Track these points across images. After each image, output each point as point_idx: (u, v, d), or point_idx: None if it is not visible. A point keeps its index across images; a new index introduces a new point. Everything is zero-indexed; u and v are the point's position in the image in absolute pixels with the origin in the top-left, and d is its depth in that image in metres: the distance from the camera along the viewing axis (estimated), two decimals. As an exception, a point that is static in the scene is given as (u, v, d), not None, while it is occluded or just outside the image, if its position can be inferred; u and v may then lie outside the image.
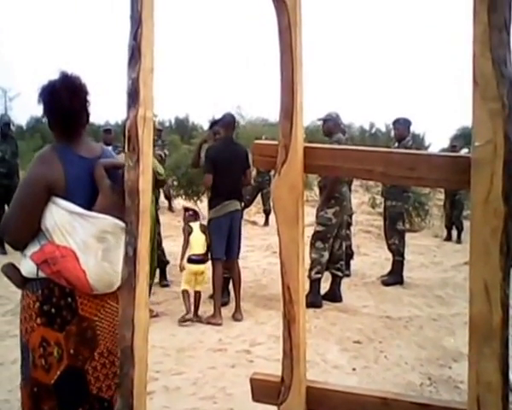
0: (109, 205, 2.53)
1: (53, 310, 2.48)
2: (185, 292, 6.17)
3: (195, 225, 6.37)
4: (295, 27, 1.94)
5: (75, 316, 2.50)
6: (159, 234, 7.51)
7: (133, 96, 2.22)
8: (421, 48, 72.27)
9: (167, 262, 7.72)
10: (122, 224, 2.51)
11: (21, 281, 2.58)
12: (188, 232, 6.33)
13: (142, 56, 2.19)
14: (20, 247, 2.58)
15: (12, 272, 2.64)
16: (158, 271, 7.38)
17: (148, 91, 2.23)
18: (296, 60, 1.95)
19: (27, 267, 2.54)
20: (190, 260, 6.23)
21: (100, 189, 2.55)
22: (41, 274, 2.50)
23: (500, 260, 1.67)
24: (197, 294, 6.21)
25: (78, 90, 2.62)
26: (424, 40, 70.41)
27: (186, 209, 6.86)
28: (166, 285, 7.47)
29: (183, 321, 5.99)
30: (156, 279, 7.26)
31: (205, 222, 6.57)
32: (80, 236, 2.50)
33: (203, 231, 6.33)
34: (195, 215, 6.59)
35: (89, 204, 2.53)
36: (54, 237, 2.49)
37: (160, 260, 7.34)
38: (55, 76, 2.63)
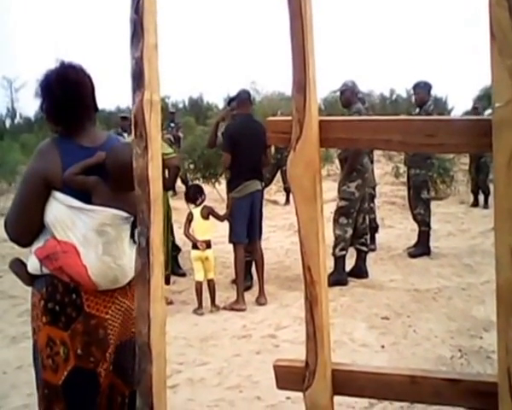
0: (106, 198, 2.47)
1: (57, 308, 2.41)
2: (198, 284, 6.03)
3: (196, 211, 6.13)
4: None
5: (80, 313, 2.42)
6: (169, 220, 7.32)
7: (138, 79, 2.11)
8: (440, 8, 70.92)
9: (179, 250, 7.59)
10: (123, 214, 2.46)
11: (28, 278, 2.53)
12: (188, 220, 6.12)
13: (145, 31, 2.08)
14: (25, 244, 2.52)
15: (19, 268, 2.58)
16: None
17: (153, 72, 2.12)
18: (307, 26, 1.83)
19: (32, 263, 2.49)
20: (194, 247, 6.09)
21: (90, 191, 2.47)
22: (45, 270, 2.44)
23: (526, 224, 1.57)
24: (210, 283, 6.08)
25: (75, 82, 2.51)
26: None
27: (188, 189, 6.60)
28: (183, 274, 7.27)
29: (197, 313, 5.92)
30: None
31: (221, 204, 6.43)
32: (80, 230, 2.43)
33: (205, 216, 6.11)
34: (198, 195, 6.28)
35: (89, 195, 2.46)
36: (55, 232, 2.43)
37: (171, 248, 7.23)
38: (52, 67, 2.54)
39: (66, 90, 2.48)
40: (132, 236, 2.54)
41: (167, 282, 6.54)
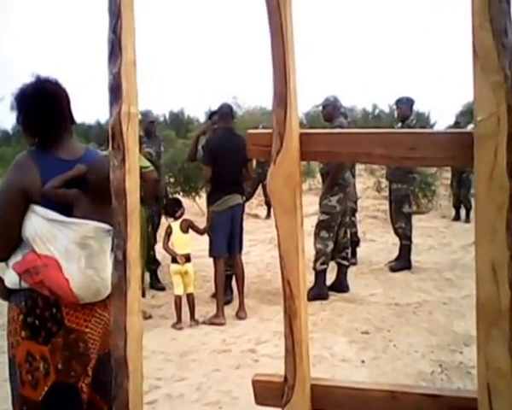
0: (87, 211, 2.44)
1: (37, 322, 2.37)
2: (177, 298, 5.97)
3: (175, 224, 6.07)
4: (285, 8, 1.82)
5: (61, 327, 2.38)
6: (154, 235, 7.38)
7: (115, 92, 2.09)
8: (422, 24, 71.77)
9: (158, 263, 7.52)
10: (105, 226, 2.43)
11: (5, 292, 2.49)
12: (167, 233, 6.07)
13: (123, 49, 2.07)
14: (2, 258, 2.48)
15: None
16: (148, 273, 7.23)
17: (131, 86, 2.11)
18: (287, 43, 1.82)
19: (10, 278, 2.44)
20: (174, 261, 6.03)
21: (71, 204, 2.45)
22: (24, 285, 2.40)
23: (507, 239, 1.56)
24: (190, 297, 6.02)
25: (51, 95, 2.51)
26: (424, 16, 69.64)
27: (166, 203, 6.60)
28: (162, 288, 7.19)
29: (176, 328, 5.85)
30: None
31: (201, 218, 6.40)
32: (62, 243, 2.39)
33: (185, 230, 6.06)
34: (176, 209, 6.22)
35: (69, 208, 2.43)
36: (34, 246, 2.39)
37: (151, 262, 7.19)
38: (28, 81, 2.54)
39: (42, 102, 2.48)
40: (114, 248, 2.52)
41: (142, 295, 6.50)
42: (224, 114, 6.46)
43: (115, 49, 2.07)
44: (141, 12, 2.16)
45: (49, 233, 2.39)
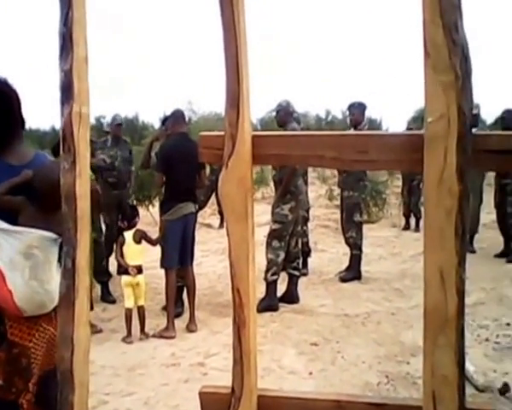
0: (32, 219, 2.36)
1: None
2: (128, 311, 5.85)
3: (129, 234, 5.95)
4: (237, 4, 1.80)
5: (3, 341, 2.29)
6: (108, 245, 7.28)
7: (66, 91, 2.02)
8: (375, 31, 72.96)
9: (110, 275, 7.39)
10: (51, 235, 2.35)
11: None
12: (120, 243, 5.96)
13: (75, 44, 2.00)
14: None
15: None
16: (100, 285, 7.09)
17: (82, 84, 2.03)
18: (240, 37, 1.80)
19: None
20: (125, 272, 5.90)
21: (16, 211, 2.38)
22: None
23: (455, 244, 1.56)
24: (140, 309, 5.91)
25: (1, 95, 2.43)
26: (377, 21, 70.83)
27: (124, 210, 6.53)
28: (113, 301, 7.04)
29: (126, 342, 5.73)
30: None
31: (154, 228, 6.27)
32: (6, 253, 2.30)
33: (137, 240, 5.95)
34: (136, 215, 6.17)
35: (15, 216, 2.35)
36: None
37: (102, 274, 7.06)
38: None
39: None
40: (60, 259, 2.44)
41: (90, 307, 6.35)
42: (176, 119, 6.35)
43: (66, 43, 2.00)
44: (92, 14, 2.11)
45: None
